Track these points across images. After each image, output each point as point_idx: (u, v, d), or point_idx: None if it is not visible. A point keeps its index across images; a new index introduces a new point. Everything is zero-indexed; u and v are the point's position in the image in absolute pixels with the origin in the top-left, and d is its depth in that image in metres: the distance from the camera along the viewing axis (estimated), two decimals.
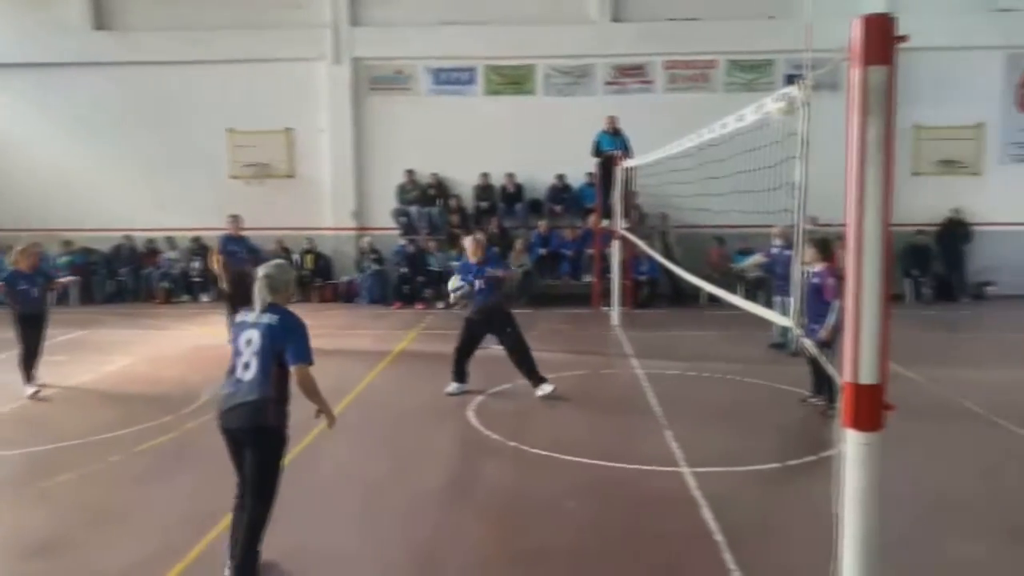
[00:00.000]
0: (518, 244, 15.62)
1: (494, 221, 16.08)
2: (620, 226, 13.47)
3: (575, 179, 16.45)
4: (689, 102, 15.61)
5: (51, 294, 9.63)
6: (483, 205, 16.62)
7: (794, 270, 4.17)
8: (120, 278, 16.99)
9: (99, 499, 5.86)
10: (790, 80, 4.19)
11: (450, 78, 16.95)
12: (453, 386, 8.70)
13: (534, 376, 8.54)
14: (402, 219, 16.72)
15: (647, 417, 7.84)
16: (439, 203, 16.71)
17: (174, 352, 11.36)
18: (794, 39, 13.62)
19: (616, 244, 13.48)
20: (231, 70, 16.88)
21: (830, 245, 7.66)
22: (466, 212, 16.67)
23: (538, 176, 16.64)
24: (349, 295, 16.57)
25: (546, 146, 16.25)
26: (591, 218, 15.57)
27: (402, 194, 16.83)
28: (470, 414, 7.96)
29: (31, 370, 8.87)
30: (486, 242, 9.20)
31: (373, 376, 9.72)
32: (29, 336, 8.83)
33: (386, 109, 16.99)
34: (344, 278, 16.86)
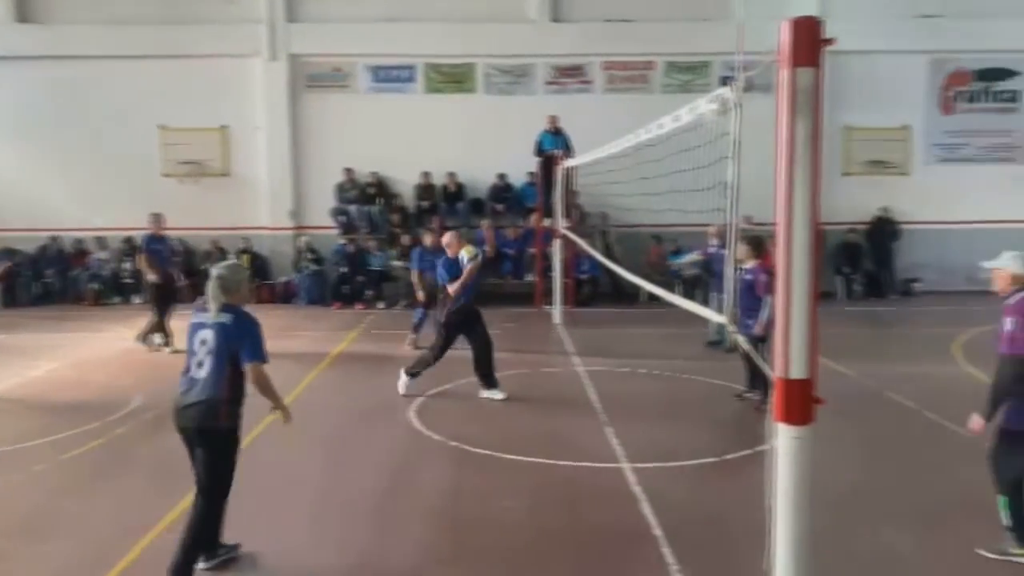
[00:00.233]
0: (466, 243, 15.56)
1: (436, 220, 15.99)
2: (561, 225, 13.56)
3: (517, 178, 16.49)
4: (628, 103, 15.78)
5: None
6: (424, 204, 16.53)
7: (727, 268, 4.24)
8: (47, 280, 16.38)
9: (22, 510, 5.62)
10: (725, 81, 4.25)
11: (389, 76, 16.81)
12: (409, 382, 8.55)
13: (490, 378, 8.47)
14: (341, 218, 16.52)
15: (588, 414, 7.90)
16: (379, 202, 16.56)
17: (103, 355, 11.00)
18: (729, 41, 13.71)
19: (557, 243, 13.56)
20: (162, 65, 16.42)
21: (763, 243, 7.83)
22: (407, 211, 16.55)
23: (479, 175, 16.61)
24: (287, 296, 16.30)
25: (487, 145, 16.25)
26: (533, 217, 15.61)
27: (341, 193, 16.63)
28: (411, 415, 7.90)
29: None
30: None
31: (312, 377, 9.57)
32: None
33: (324, 107, 16.76)
34: (282, 278, 16.56)
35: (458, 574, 4.76)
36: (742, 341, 4.72)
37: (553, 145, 14.78)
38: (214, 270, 4.57)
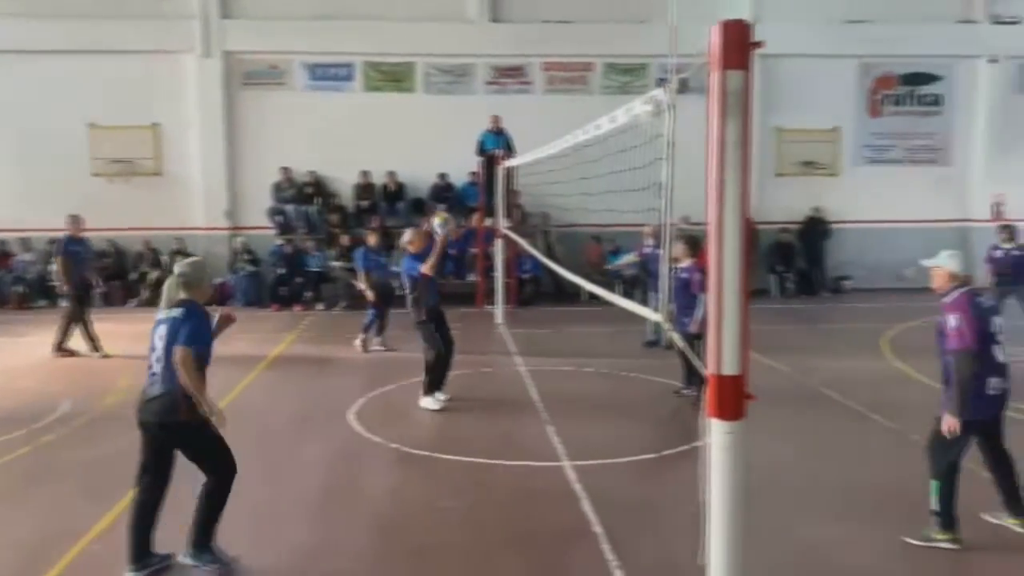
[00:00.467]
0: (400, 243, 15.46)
1: (376, 220, 15.84)
2: (503, 225, 13.58)
3: (458, 178, 16.45)
4: (568, 103, 15.87)
5: None
6: (364, 204, 16.36)
7: (662, 268, 4.31)
8: None
9: None
10: (661, 83, 4.31)
11: (327, 74, 16.58)
12: (434, 397, 8.14)
13: (438, 384, 8.18)
14: (278, 218, 16.24)
15: (529, 414, 7.94)
16: (317, 202, 16.34)
17: (29, 361, 10.59)
18: (665, 43, 14.06)
19: (499, 243, 13.58)
20: (92, 61, 15.87)
21: (699, 242, 7.96)
22: (346, 211, 16.37)
23: (420, 175, 16.51)
24: (222, 298, 15.90)
25: (428, 144, 16.16)
26: (474, 217, 15.61)
27: (278, 192, 16.34)
28: (351, 417, 7.81)
29: None
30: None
31: (250, 380, 9.38)
32: None
33: (260, 105, 16.44)
34: (217, 280, 16.19)
35: None
36: (677, 339, 4.80)
37: (495, 145, 14.79)
38: (177, 267, 4.70)
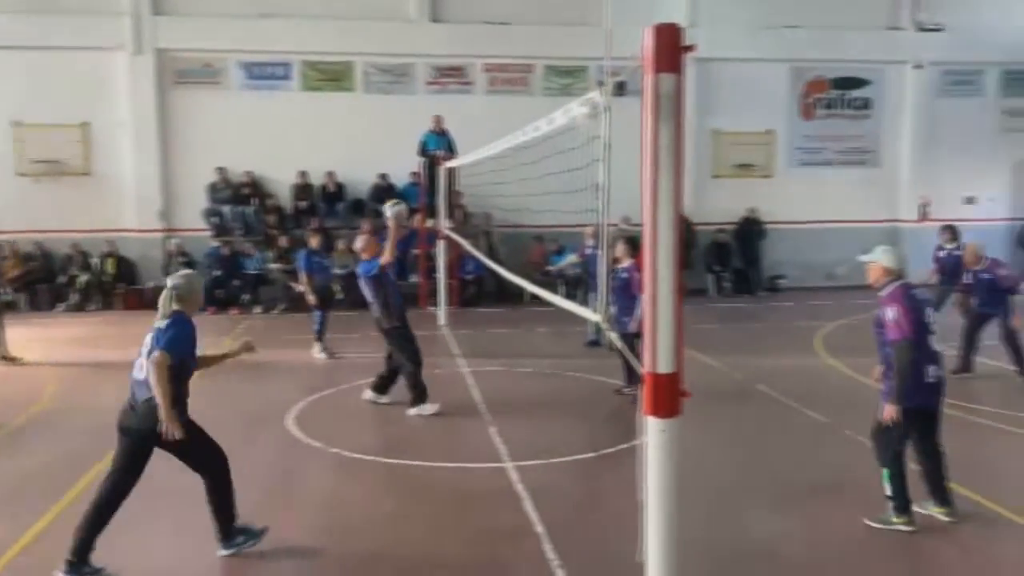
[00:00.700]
0: (340, 244, 15.26)
1: (315, 221, 15.62)
2: (445, 226, 13.53)
3: (399, 178, 16.31)
4: (509, 104, 15.87)
5: None
6: (302, 205, 16.10)
7: (600, 268, 4.35)
8: None
9: None
10: (600, 85, 4.35)
11: (264, 73, 16.28)
12: (424, 406, 7.94)
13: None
14: (214, 219, 15.88)
15: (472, 415, 7.93)
16: (254, 203, 16.02)
17: None
18: (602, 46, 14.23)
19: (441, 244, 13.52)
20: (16, 57, 15.30)
21: (640, 243, 8.07)
22: (284, 212, 16.10)
23: (361, 175, 16.32)
24: (156, 302, 15.49)
25: (368, 144, 16.00)
26: (416, 218, 15.50)
27: (214, 193, 15.98)
28: (289, 422, 7.70)
29: None
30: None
31: None
32: None
33: (195, 104, 16.05)
34: (150, 283, 15.71)
35: None
36: (615, 338, 4.86)
37: (437, 146, 14.73)
38: (170, 280, 4.84)
